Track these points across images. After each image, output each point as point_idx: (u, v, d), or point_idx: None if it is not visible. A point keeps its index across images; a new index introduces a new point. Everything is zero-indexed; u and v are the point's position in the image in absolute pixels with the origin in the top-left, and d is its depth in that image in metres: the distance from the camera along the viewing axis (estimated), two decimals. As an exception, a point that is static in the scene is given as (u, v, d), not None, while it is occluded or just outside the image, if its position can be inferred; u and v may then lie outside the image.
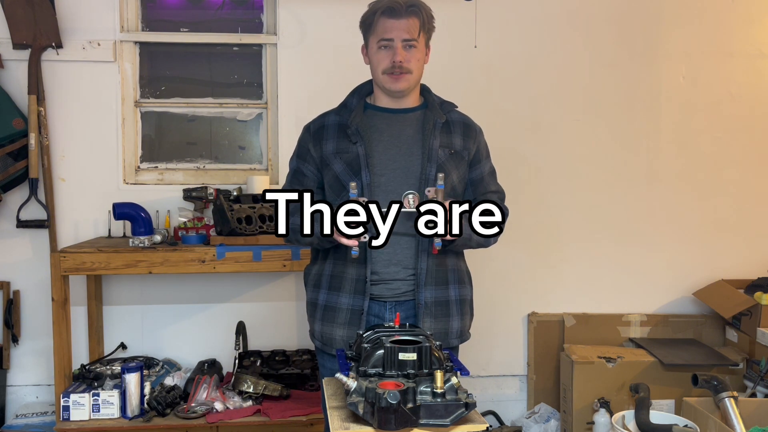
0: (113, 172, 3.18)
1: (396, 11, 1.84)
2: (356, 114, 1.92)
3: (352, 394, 1.42)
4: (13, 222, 3.08)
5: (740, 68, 3.39)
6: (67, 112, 3.13)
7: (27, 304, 3.16)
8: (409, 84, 1.90)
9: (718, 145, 3.41)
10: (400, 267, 1.87)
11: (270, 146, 3.29)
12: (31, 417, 3.03)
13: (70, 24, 3.09)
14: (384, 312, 1.89)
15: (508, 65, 3.30)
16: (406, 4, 1.84)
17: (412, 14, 1.85)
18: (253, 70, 3.33)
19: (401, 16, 1.84)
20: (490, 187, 2.02)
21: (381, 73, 1.88)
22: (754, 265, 3.40)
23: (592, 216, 3.38)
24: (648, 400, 2.71)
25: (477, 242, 1.91)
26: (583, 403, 3.03)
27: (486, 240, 1.93)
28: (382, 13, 1.85)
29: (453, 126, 1.96)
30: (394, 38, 1.85)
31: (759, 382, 2.92)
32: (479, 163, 2.00)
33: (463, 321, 1.97)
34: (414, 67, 1.88)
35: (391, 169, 1.88)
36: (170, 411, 2.76)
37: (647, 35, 3.34)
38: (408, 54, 1.86)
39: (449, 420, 1.40)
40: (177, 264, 2.75)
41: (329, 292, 1.92)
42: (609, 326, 3.36)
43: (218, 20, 3.31)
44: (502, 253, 3.21)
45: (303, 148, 1.98)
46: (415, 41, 1.86)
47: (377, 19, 1.86)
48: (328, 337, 1.92)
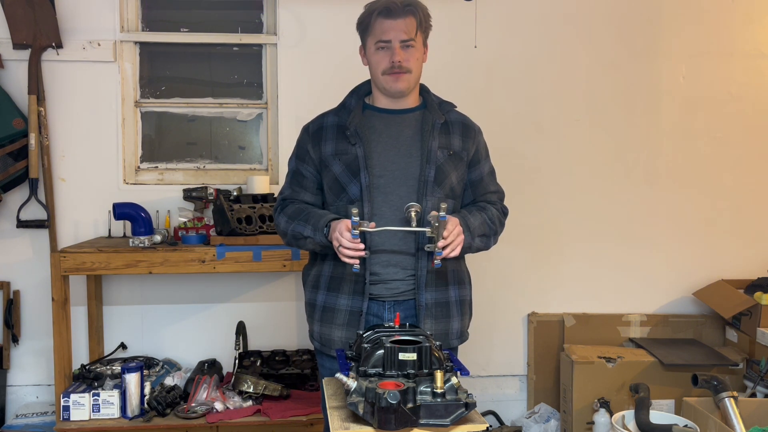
0: (113, 172, 3.18)
1: (393, 11, 1.83)
2: (355, 115, 1.92)
3: (352, 394, 1.42)
4: (13, 222, 3.08)
5: (740, 68, 3.39)
6: (67, 112, 3.13)
7: (27, 304, 3.17)
8: (409, 84, 1.89)
9: (718, 145, 3.40)
10: (399, 268, 1.87)
11: (270, 146, 3.29)
12: (31, 417, 3.03)
13: (70, 24, 3.09)
14: (383, 312, 1.89)
15: (508, 65, 3.30)
16: (403, 4, 1.84)
17: (409, 14, 1.85)
18: (253, 70, 3.33)
19: (398, 16, 1.84)
20: (489, 187, 2.01)
21: (380, 74, 1.88)
22: (754, 265, 3.40)
23: (592, 216, 3.38)
24: (648, 400, 2.71)
25: (477, 248, 1.91)
26: (583, 403, 3.03)
27: (486, 244, 1.94)
28: (379, 14, 1.84)
29: (452, 126, 1.96)
30: (391, 39, 1.84)
31: (759, 382, 2.92)
32: (478, 163, 2.00)
33: (462, 321, 1.97)
34: (413, 67, 1.88)
35: (389, 170, 1.88)
36: (170, 411, 2.76)
37: (647, 35, 3.34)
38: (406, 54, 1.86)
39: (449, 420, 1.40)
40: (177, 264, 2.75)
41: (328, 293, 1.91)
42: (609, 326, 3.35)
43: (218, 20, 3.31)
44: (502, 253, 3.20)
45: (302, 149, 1.98)
46: (412, 41, 1.86)
47: (374, 19, 1.86)
48: (326, 338, 1.92)
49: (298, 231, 1.86)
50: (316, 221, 1.82)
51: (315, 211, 1.87)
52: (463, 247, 1.81)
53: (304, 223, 1.84)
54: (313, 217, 1.84)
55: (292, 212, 1.91)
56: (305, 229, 1.84)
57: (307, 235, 1.83)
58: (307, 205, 1.92)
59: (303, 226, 1.84)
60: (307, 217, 1.85)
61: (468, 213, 1.90)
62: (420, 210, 1.79)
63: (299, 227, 1.85)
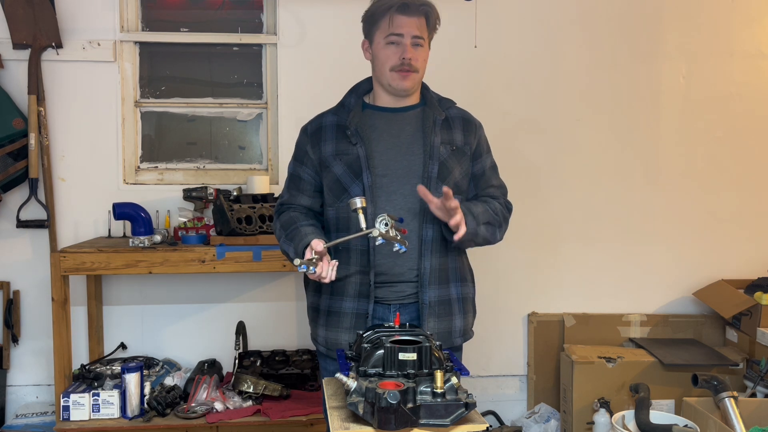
0: (113, 172, 3.18)
1: (409, 8, 1.83)
2: (355, 114, 1.90)
3: (352, 394, 1.42)
4: (13, 222, 3.08)
5: (740, 68, 3.39)
6: (67, 112, 3.13)
7: (27, 304, 3.17)
8: (414, 83, 1.89)
9: (718, 144, 3.41)
10: (405, 268, 1.86)
11: (270, 146, 3.29)
12: (31, 417, 3.03)
13: (70, 24, 3.09)
14: (388, 315, 1.87)
15: (508, 65, 3.30)
16: (419, 3, 1.84)
17: (423, 13, 1.86)
18: (253, 70, 3.33)
19: (413, 14, 1.84)
20: (492, 181, 2.00)
21: (388, 70, 1.86)
22: (754, 265, 3.40)
23: (592, 216, 3.38)
24: (648, 400, 2.71)
25: (483, 237, 1.87)
26: (583, 403, 3.03)
27: (492, 235, 1.90)
28: (396, 9, 1.84)
29: (453, 122, 1.95)
30: (404, 34, 1.84)
31: (759, 382, 2.92)
32: (480, 157, 1.99)
33: (465, 319, 1.96)
34: (420, 67, 1.88)
35: (392, 169, 1.86)
36: (170, 411, 2.76)
37: (647, 35, 3.34)
38: (416, 52, 1.85)
39: (449, 420, 1.40)
40: (177, 264, 2.75)
41: (332, 297, 1.90)
42: (609, 326, 3.36)
43: (218, 20, 3.31)
44: (502, 253, 3.21)
45: (300, 151, 1.96)
46: (422, 40, 1.86)
47: (389, 15, 1.84)
48: (333, 342, 1.90)
49: (284, 249, 1.86)
50: (297, 244, 1.79)
51: (299, 230, 1.82)
52: (469, 233, 1.77)
53: (289, 242, 1.83)
54: (296, 238, 1.81)
55: (284, 222, 1.90)
56: (289, 249, 1.83)
57: (291, 256, 1.82)
58: (296, 217, 1.89)
59: (288, 244, 1.83)
60: (292, 236, 1.82)
61: (470, 203, 1.88)
62: (365, 204, 1.69)
63: (285, 245, 1.85)
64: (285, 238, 1.86)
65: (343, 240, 1.71)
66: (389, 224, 1.62)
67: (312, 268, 1.64)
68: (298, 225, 1.84)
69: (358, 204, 1.67)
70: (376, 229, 1.61)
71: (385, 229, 1.61)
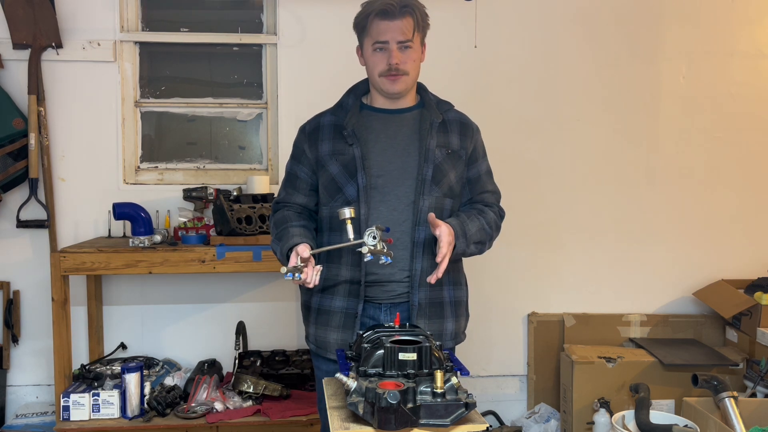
0: (113, 172, 3.18)
1: (389, 13, 1.81)
2: (352, 115, 1.90)
3: (352, 394, 1.42)
4: (13, 222, 3.08)
5: (740, 68, 3.39)
6: (67, 112, 3.13)
7: (27, 304, 3.16)
8: (406, 85, 1.88)
9: (718, 145, 3.41)
10: (396, 269, 1.85)
11: (270, 146, 3.29)
12: (31, 417, 3.03)
13: (70, 24, 3.09)
14: (379, 314, 1.87)
15: (508, 65, 3.30)
16: (400, 5, 1.81)
17: (406, 14, 1.82)
18: (253, 70, 3.33)
19: (395, 17, 1.81)
20: (486, 186, 2.00)
21: (378, 76, 1.86)
22: (755, 265, 3.40)
23: (592, 216, 3.38)
24: (648, 400, 2.71)
25: (471, 254, 1.89)
26: (583, 403, 3.03)
27: (480, 251, 1.92)
28: (376, 15, 1.82)
29: (450, 125, 1.94)
30: (389, 40, 1.82)
31: (759, 382, 2.92)
32: (476, 161, 1.98)
33: (457, 323, 1.95)
34: (410, 68, 1.86)
35: (387, 170, 1.86)
36: (170, 411, 2.76)
37: (648, 35, 3.34)
38: (404, 55, 1.84)
39: (449, 420, 1.40)
40: (177, 264, 2.75)
41: (323, 295, 1.90)
42: (609, 326, 3.35)
43: (218, 20, 3.31)
44: (502, 253, 3.20)
45: (298, 150, 1.97)
46: (410, 42, 1.84)
47: (371, 21, 1.83)
48: (322, 340, 1.91)
49: (273, 248, 1.88)
50: (283, 245, 1.79)
51: (287, 230, 1.82)
52: (457, 253, 1.80)
53: (277, 242, 1.84)
54: (283, 238, 1.81)
55: (276, 220, 1.91)
56: (276, 248, 1.85)
57: (278, 256, 1.85)
58: (289, 216, 1.89)
59: (276, 244, 1.85)
60: (281, 236, 1.83)
61: (467, 218, 1.87)
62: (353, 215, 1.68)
63: (274, 244, 1.87)
64: (275, 237, 1.87)
65: (331, 248, 1.74)
66: (377, 237, 1.64)
67: (297, 275, 1.65)
68: (287, 225, 1.85)
69: (347, 214, 1.68)
70: (366, 244, 1.64)
71: (374, 242, 1.64)
